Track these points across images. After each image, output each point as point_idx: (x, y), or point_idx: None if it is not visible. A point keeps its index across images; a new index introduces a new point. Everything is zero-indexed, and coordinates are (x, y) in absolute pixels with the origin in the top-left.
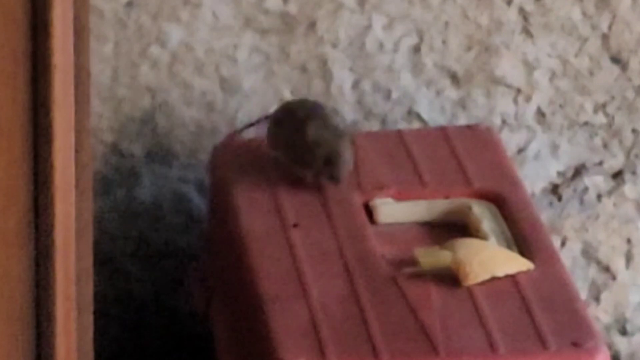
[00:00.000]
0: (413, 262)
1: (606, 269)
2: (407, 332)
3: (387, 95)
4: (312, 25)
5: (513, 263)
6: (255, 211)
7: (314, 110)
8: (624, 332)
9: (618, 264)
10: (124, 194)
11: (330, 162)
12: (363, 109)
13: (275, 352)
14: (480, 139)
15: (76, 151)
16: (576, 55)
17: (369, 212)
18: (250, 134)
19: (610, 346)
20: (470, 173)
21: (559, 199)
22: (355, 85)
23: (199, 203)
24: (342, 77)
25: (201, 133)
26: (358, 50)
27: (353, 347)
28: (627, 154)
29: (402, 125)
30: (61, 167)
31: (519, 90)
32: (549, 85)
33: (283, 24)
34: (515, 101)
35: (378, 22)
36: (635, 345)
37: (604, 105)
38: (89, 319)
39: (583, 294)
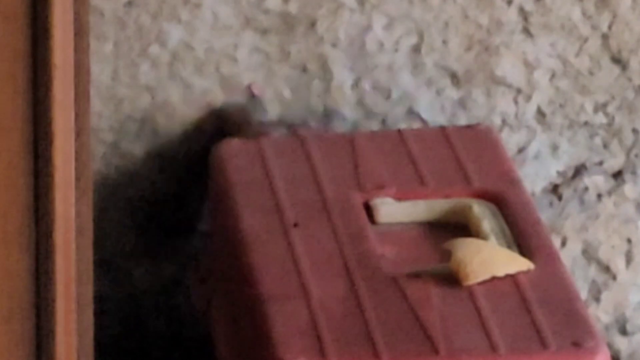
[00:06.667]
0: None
1: (606, 269)
2: (407, 332)
3: (387, 95)
4: (312, 25)
5: (513, 263)
6: (255, 211)
7: None
8: (624, 332)
9: (618, 264)
10: (124, 194)
11: None
12: (363, 108)
13: (275, 352)
14: (480, 139)
15: (76, 151)
16: (576, 55)
17: (369, 212)
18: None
19: (610, 346)
20: (470, 173)
21: (559, 199)
22: (355, 85)
23: (199, 203)
24: (342, 77)
25: (201, 133)
26: (358, 50)
27: (353, 347)
28: (627, 154)
29: (402, 125)
30: (61, 167)
31: (519, 90)
32: (549, 85)
33: (283, 24)
34: (515, 101)
35: (378, 21)
36: (636, 345)
37: (604, 105)
38: (89, 319)
39: (583, 294)
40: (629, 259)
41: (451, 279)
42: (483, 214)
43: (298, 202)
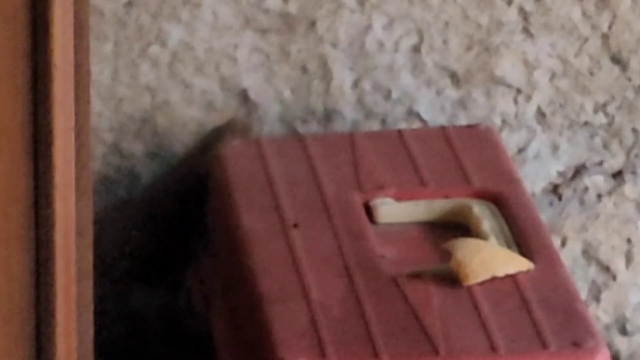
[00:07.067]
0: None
1: (606, 269)
2: (407, 332)
3: (387, 95)
4: (312, 25)
5: (513, 263)
6: (255, 211)
7: None
8: (624, 332)
9: (618, 264)
10: (124, 194)
11: None
12: (363, 108)
13: (275, 352)
14: (480, 139)
15: (76, 151)
16: (576, 55)
17: (369, 212)
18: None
19: (610, 346)
20: (470, 173)
21: (559, 199)
22: (355, 85)
23: (199, 203)
24: (342, 77)
25: (201, 133)
26: (358, 50)
27: (353, 347)
28: (627, 154)
29: (402, 125)
30: (61, 167)
31: (519, 90)
32: (549, 85)
33: (283, 24)
34: (515, 101)
35: (378, 21)
36: (636, 345)
37: (604, 105)
38: (89, 319)
39: (583, 294)
40: (629, 259)
41: (451, 279)
42: (483, 214)
43: (298, 202)
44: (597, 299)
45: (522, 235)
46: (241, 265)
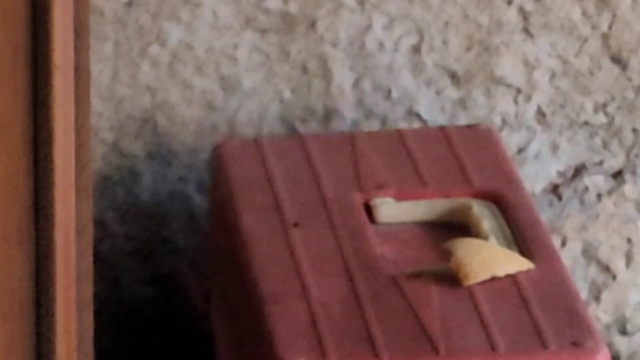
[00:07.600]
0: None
1: (606, 269)
2: (407, 332)
3: (387, 95)
4: (312, 24)
5: (513, 263)
6: (255, 211)
7: None
8: (624, 332)
9: (618, 264)
10: (124, 194)
11: None
12: (363, 108)
13: (275, 352)
14: (480, 139)
15: (76, 151)
16: (576, 55)
17: (369, 212)
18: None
19: (610, 346)
20: (471, 173)
21: (559, 199)
22: (356, 85)
23: (199, 203)
24: (342, 77)
25: (201, 132)
26: (358, 50)
27: (353, 347)
28: (627, 154)
29: (402, 125)
30: (61, 167)
31: (519, 90)
32: (549, 85)
33: (283, 24)
34: (515, 101)
35: (378, 21)
36: (636, 345)
37: (604, 105)
38: (89, 319)
39: (583, 294)
40: (629, 259)
41: (451, 279)
42: (483, 214)
43: (298, 202)
44: (597, 299)
45: (522, 235)
46: (241, 265)
